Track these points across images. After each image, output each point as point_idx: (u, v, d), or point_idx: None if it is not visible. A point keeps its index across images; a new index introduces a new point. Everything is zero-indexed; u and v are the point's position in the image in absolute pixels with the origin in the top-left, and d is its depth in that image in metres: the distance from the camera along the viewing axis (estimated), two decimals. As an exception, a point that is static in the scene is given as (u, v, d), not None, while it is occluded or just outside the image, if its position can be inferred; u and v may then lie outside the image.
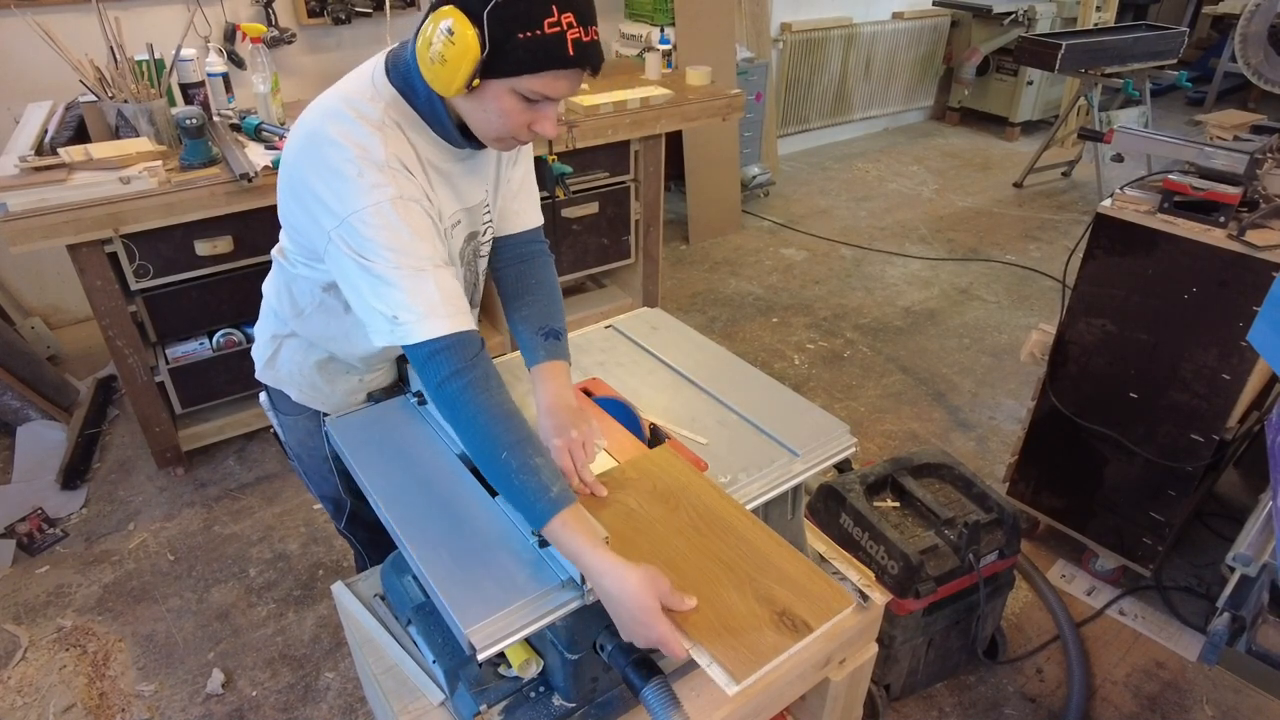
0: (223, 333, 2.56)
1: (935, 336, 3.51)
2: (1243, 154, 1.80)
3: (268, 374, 1.45)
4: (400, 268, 1.05)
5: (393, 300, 1.06)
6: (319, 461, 1.48)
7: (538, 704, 1.17)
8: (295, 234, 1.21)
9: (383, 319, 1.07)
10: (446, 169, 1.19)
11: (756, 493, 1.20)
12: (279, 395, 1.47)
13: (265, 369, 1.45)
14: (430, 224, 1.11)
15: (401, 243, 1.06)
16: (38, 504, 2.49)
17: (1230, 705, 1.97)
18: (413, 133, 1.13)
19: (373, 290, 1.07)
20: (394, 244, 1.05)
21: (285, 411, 1.49)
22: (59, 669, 2.04)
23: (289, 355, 1.40)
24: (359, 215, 1.05)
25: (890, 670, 1.88)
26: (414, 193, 1.09)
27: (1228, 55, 6.28)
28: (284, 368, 1.42)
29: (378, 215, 1.05)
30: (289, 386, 1.44)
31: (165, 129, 2.40)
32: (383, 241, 1.05)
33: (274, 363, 1.43)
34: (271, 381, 1.46)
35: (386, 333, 1.08)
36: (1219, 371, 1.86)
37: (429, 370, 1.08)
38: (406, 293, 1.06)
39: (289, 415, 1.49)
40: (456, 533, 1.11)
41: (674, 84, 3.21)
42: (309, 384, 1.42)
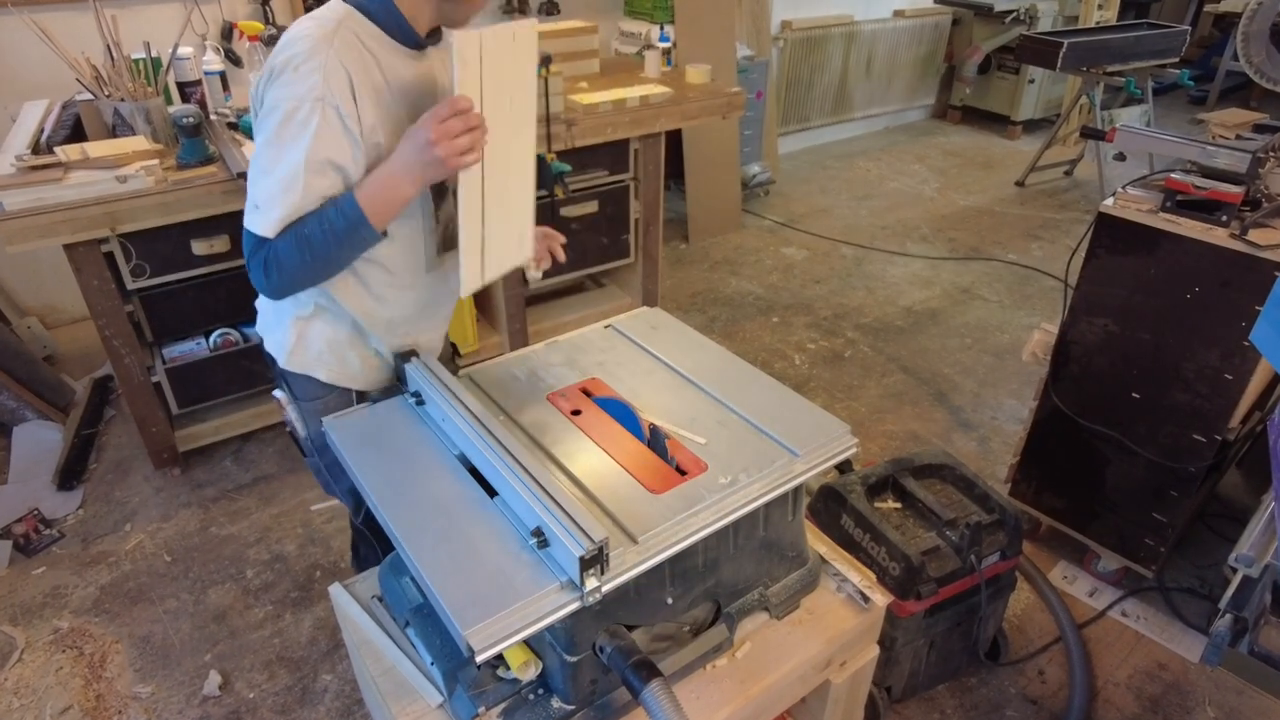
0: (220, 332, 2.55)
1: (937, 336, 3.50)
2: (1245, 153, 1.79)
3: (296, 359, 1.44)
4: (281, 162, 1.16)
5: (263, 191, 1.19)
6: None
7: (536, 706, 1.16)
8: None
9: (250, 203, 1.20)
10: (404, 74, 1.26)
11: (757, 493, 1.18)
12: (302, 382, 1.46)
13: (292, 356, 1.43)
14: (346, 128, 1.19)
15: (296, 141, 1.16)
16: (34, 505, 2.48)
17: (1232, 706, 1.96)
18: (372, 43, 1.22)
19: (256, 175, 1.20)
20: (288, 138, 1.16)
21: (310, 397, 1.48)
22: (55, 670, 2.03)
23: (319, 333, 1.41)
24: (280, 103, 1.16)
25: (891, 672, 1.87)
26: (343, 98, 1.17)
27: (1230, 54, 6.28)
28: (314, 347, 1.42)
29: (294, 110, 1.15)
30: (319, 368, 1.44)
31: (162, 128, 2.39)
32: (283, 133, 1.16)
33: (302, 346, 1.42)
34: (300, 367, 1.44)
35: (248, 215, 1.21)
36: (1221, 371, 1.85)
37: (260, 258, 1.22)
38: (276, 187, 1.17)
39: (315, 400, 1.47)
40: (455, 534, 1.10)
41: (674, 82, 3.20)
42: (340, 360, 1.44)
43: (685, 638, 1.26)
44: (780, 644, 1.33)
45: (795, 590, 1.39)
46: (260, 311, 1.51)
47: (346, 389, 1.47)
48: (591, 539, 1.00)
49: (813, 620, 1.37)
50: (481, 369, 1.51)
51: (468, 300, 2.95)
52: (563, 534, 1.01)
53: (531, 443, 1.30)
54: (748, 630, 1.34)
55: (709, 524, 1.13)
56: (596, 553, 1.00)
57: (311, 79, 1.15)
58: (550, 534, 1.04)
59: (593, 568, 1.01)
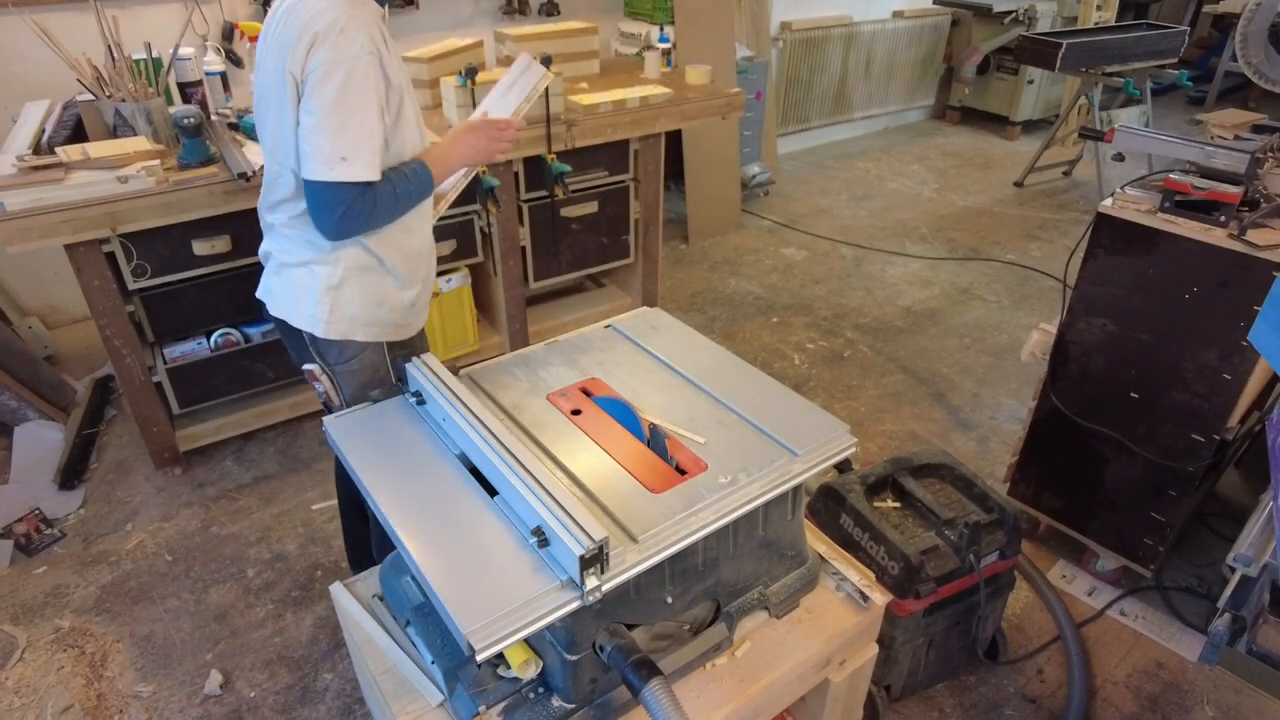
0: (221, 332, 2.55)
1: (936, 336, 3.50)
2: (1243, 153, 1.80)
3: (335, 327, 1.57)
4: (356, 115, 1.37)
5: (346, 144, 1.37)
6: (391, 388, 1.63)
7: (537, 705, 1.16)
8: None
9: (333, 158, 1.37)
10: (389, 39, 1.46)
11: (756, 493, 1.19)
12: (336, 348, 1.60)
13: (330, 324, 1.57)
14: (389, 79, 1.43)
15: (366, 97, 1.38)
16: (35, 504, 2.49)
17: (1231, 706, 1.96)
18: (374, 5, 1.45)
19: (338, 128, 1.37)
20: (360, 97, 1.37)
21: (344, 359, 1.62)
22: (57, 670, 2.03)
23: (350, 298, 1.56)
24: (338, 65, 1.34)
25: (890, 671, 1.88)
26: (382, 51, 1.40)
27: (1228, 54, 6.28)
28: (349, 311, 1.57)
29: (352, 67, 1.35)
30: (356, 330, 1.59)
31: (163, 128, 2.40)
32: (350, 92, 1.36)
33: (337, 313, 1.56)
34: (339, 334, 1.58)
35: (328, 168, 1.37)
36: (1220, 371, 1.85)
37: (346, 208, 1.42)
38: (362, 138, 1.39)
39: (350, 360, 1.62)
40: (455, 533, 1.11)
41: (673, 83, 3.21)
42: (373, 318, 1.61)
43: (685, 636, 1.27)
44: (780, 643, 1.33)
45: (795, 589, 1.39)
46: (277, 293, 1.61)
47: (379, 343, 1.65)
48: (591, 538, 1.00)
49: (812, 619, 1.38)
50: (481, 369, 1.51)
51: (468, 300, 2.95)
52: (563, 533, 1.02)
53: (531, 442, 1.30)
54: (747, 629, 1.35)
55: (709, 523, 1.14)
56: (596, 552, 1.00)
57: (360, 37, 1.35)
58: (550, 533, 1.04)
59: (593, 567, 1.01)
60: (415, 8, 3.60)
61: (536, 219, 2.93)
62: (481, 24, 3.83)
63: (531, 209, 2.89)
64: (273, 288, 1.64)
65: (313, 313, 1.57)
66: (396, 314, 1.65)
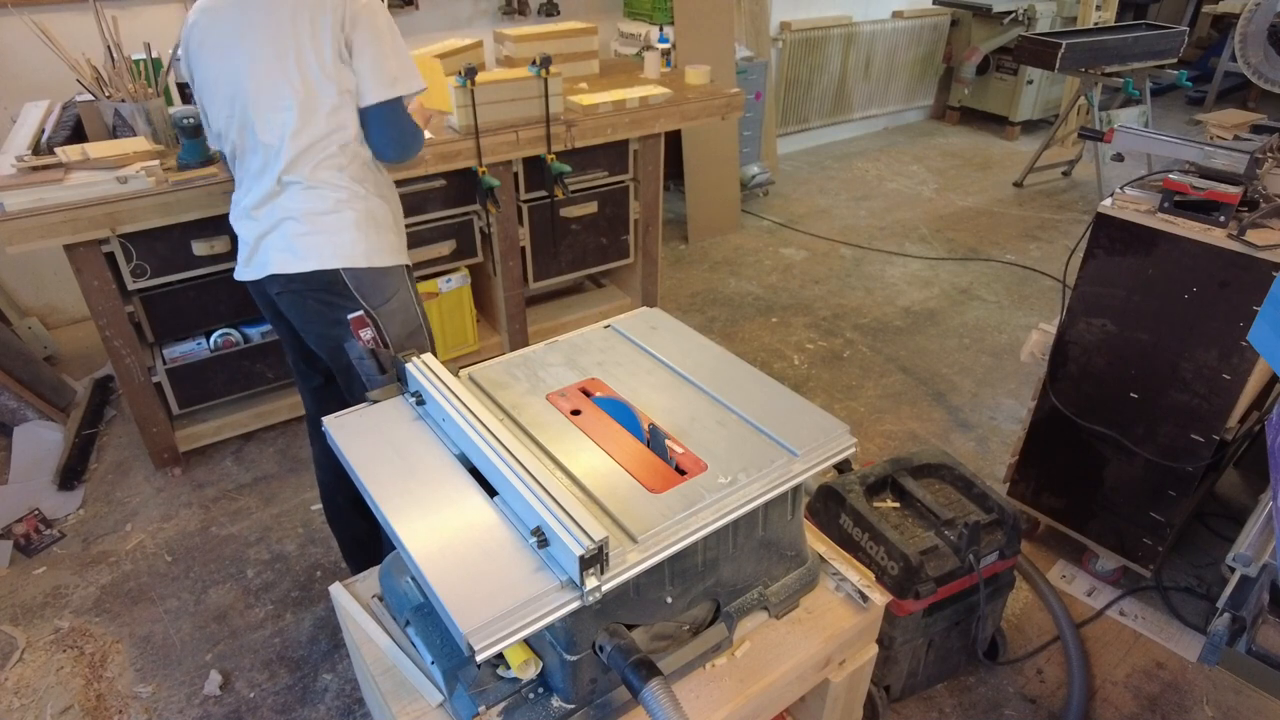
0: (220, 333, 2.55)
1: (935, 336, 3.50)
2: (1243, 153, 1.80)
3: (384, 255, 1.75)
4: (399, 40, 1.70)
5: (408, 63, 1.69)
6: (420, 333, 1.83)
7: (536, 705, 1.16)
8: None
9: (409, 73, 1.69)
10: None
11: (756, 493, 1.19)
12: (379, 284, 1.75)
13: (381, 251, 1.74)
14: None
15: (393, 25, 1.70)
16: (34, 505, 2.49)
17: (1230, 706, 1.97)
18: None
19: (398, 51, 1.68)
20: (390, 24, 1.70)
21: (388, 297, 1.76)
22: (56, 670, 2.03)
23: (385, 222, 1.77)
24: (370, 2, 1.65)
25: (890, 671, 1.88)
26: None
27: (1228, 55, 6.28)
28: (388, 235, 1.77)
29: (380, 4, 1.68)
30: (400, 254, 1.81)
31: (162, 128, 2.40)
32: (388, 22, 1.69)
33: (383, 238, 1.75)
34: (392, 259, 1.77)
35: (390, 86, 1.67)
36: (1219, 371, 1.85)
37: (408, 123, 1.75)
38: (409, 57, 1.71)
39: (391, 299, 1.76)
40: (455, 533, 1.11)
41: (673, 83, 3.21)
42: (402, 242, 1.85)
43: (685, 637, 1.26)
44: (779, 643, 1.33)
45: (794, 589, 1.39)
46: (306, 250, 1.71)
47: (405, 274, 1.82)
48: (591, 538, 1.00)
49: (812, 619, 1.38)
50: (481, 369, 1.51)
51: (468, 300, 2.95)
52: (563, 533, 1.01)
53: (531, 442, 1.30)
54: (747, 629, 1.35)
55: (708, 523, 1.13)
56: (596, 552, 1.00)
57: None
58: (550, 533, 1.04)
59: (592, 567, 1.01)
60: (415, 8, 3.60)
61: (536, 219, 2.93)
62: (481, 24, 3.83)
63: (531, 209, 2.89)
64: (303, 248, 1.70)
65: (366, 247, 1.71)
66: (402, 237, 1.87)
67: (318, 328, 1.78)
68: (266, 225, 1.73)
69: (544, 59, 2.63)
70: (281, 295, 1.78)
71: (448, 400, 1.29)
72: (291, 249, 1.70)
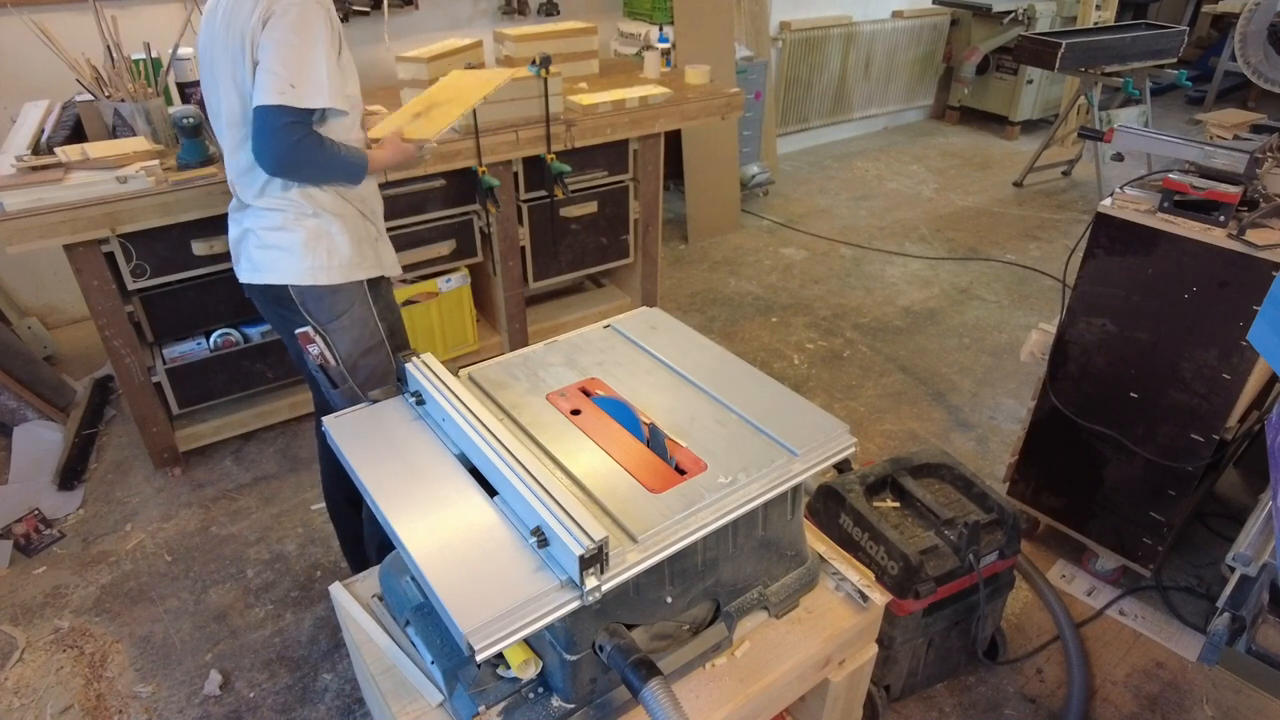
0: (220, 333, 2.55)
1: (935, 336, 3.50)
2: (1242, 153, 1.80)
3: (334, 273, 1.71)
4: (306, 52, 1.52)
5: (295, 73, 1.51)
6: (378, 350, 1.79)
7: (536, 705, 1.16)
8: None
9: (283, 84, 1.50)
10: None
11: (756, 493, 1.19)
12: (327, 302, 1.71)
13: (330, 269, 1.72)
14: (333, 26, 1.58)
15: (313, 35, 1.52)
16: (34, 504, 2.49)
17: (1230, 705, 1.97)
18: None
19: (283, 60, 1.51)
20: (307, 34, 1.52)
21: (338, 313, 1.72)
22: (56, 670, 2.03)
23: (340, 239, 1.71)
24: (290, 5, 1.50)
25: (890, 671, 1.88)
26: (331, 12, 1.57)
27: (1227, 54, 6.28)
28: (344, 251, 1.72)
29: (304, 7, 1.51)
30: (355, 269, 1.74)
31: (162, 128, 2.40)
32: (298, 30, 1.51)
33: (335, 257, 1.70)
34: (342, 277, 1.71)
35: (278, 93, 1.50)
36: (1219, 371, 1.85)
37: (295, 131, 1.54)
38: (313, 68, 1.53)
39: (340, 317, 1.72)
40: (455, 533, 1.11)
41: (673, 83, 3.21)
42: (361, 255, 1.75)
43: (684, 636, 1.27)
44: (779, 643, 1.33)
45: (794, 589, 1.39)
46: (264, 262, 1.70)
47: (364, 291, 1.77)
48: (591, 538, 1.00)
49: (811, 619, 1.38)
50: (481, 369, 1.51)
51: (467, 300, 2.96)
52: (562, 533, 1.01)
53: (531, 442, 1.30)
54: (747, 629, 1.35)
55: (708, 523, 1.14)
56: (596, 552, 1.00)
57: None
58: (550, 533, 1.04)
59: (592, 567, 1.01)
60: (414, 8, 3.60)
61: (536, 219, 2.93)
62: (481, 24, 3.83)
63: (531, 209, 2.89)
64: (258, 260, 1.72)
65: (311, 264, 1.68)
66: (373, 249, 1.80)
67: (283, 336, 1.87)
68: (236, 233, 1.81)
69: (544, 59, 2.63)
70: (253, 301, 1.87)
71: (447, 400, 1.29)
72: (251, 260, 1.76)
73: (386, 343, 1.81)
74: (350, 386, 1.77)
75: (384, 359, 1.81)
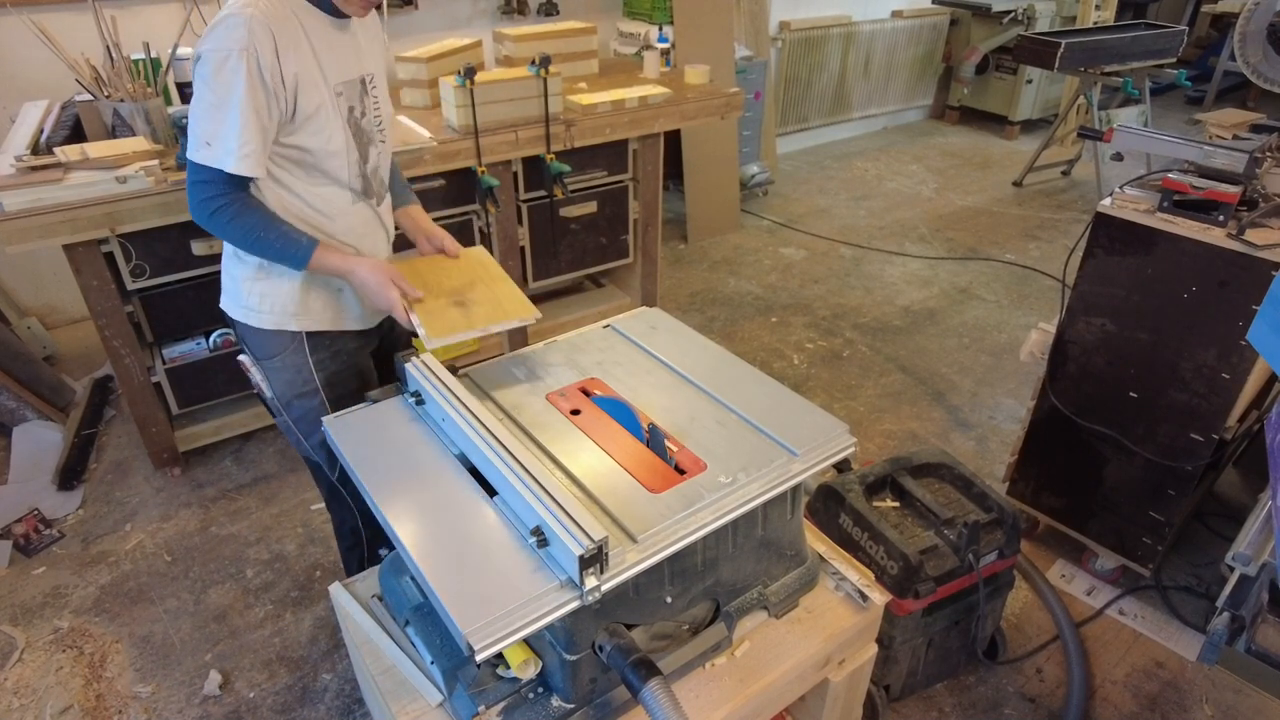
0: (219, 333, 2.55)
1: (935, 336, 3.50)
2: (1242, 153, 1.80)
3: (267, 317, 1.60)
4: (223, 107, 1.35)
5: (207, 130, 1.37)
6: (311, 396, 1.64)
7: (536, 705, 1.16)
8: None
9: (199, 140, 1.37)
10: (328, 40, 1.46)
11: (756, 493, 1.19)
12: (261, 341, 1.60)
13: (262, 314, 1.59)
14: (264, 81, 1.37)
15: (227, 91, 1.34)
16: (34, 505, 2.49)
17: (1230, 705, 1.97)
18: (296, 7, 1.41)
19: (198, 115, 1.37)
20: (221, 89, 1.34)
21: (268, 355, 1.61)
22: (56, 670, 2.03)
23: (278, 284, 1.56)
24: (208, 57, 1.34)
25: (890, 671, 1.88)
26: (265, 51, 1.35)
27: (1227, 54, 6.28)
28: (277, 299, 1.57)
29: (224, 59, 1.33)
30: (290, 319, 1.58)
31: (161, 128, 2.39)
32: (211, 84, 1.34)
33: (267, 301, 1.57)
34: (273, 324, 1.58)
35: (193, 149, 1.37)
36: (1219, 371, 1.85)
37: (207, 190, 1.41)
38: (226, 127, 1.36)
39: (273, 358, 1.61)
40: (455, 533, 1.11)
41: (672, 83, 3.21)
42: (304, 307, 1.58)
43: (684, 636, 1.27)
44: (779, 643, 1.33)
45: (794, 589, 1.39)
46: (223, 285, 1.63)
47: (301, 341, 1.61)
48: (591, 538, 1.00)
49: (811, 619, 1.38)
50: (481, 369, 1.51)
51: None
52: (562, 533, 1.02)
53: (531, 442, 1.30)
54: (747, 629, 1.35)
55: (708, 523, 1.14)
56: (596, 552, 1.00)
57: (237, 32, 1.33)
58: (550, 533, 1.04)
59: (592, 566, 1.01)
60: (414, 8, 3.59)
61: (535, 219, 2.93)
62: (480, 24, 3.83)
63: (530, 209, 2.89)
64: (222, 282, 1.65)
65: (244, 303, 1.59)
66: (331, 301, 1.61)
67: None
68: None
69: (543, 59, 2.63)
70: None
71: (447, 400, 1.29)
72: (221, 282, 1.67)
73: (321, 391, 1.65)
74: (285, 421, 1.69)
75: (318, 406, 1.65)
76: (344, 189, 1.56)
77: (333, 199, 1.56)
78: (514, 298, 1.59)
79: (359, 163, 1.56)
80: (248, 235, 1.44)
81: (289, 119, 1.43)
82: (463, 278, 1.64)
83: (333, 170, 1.52)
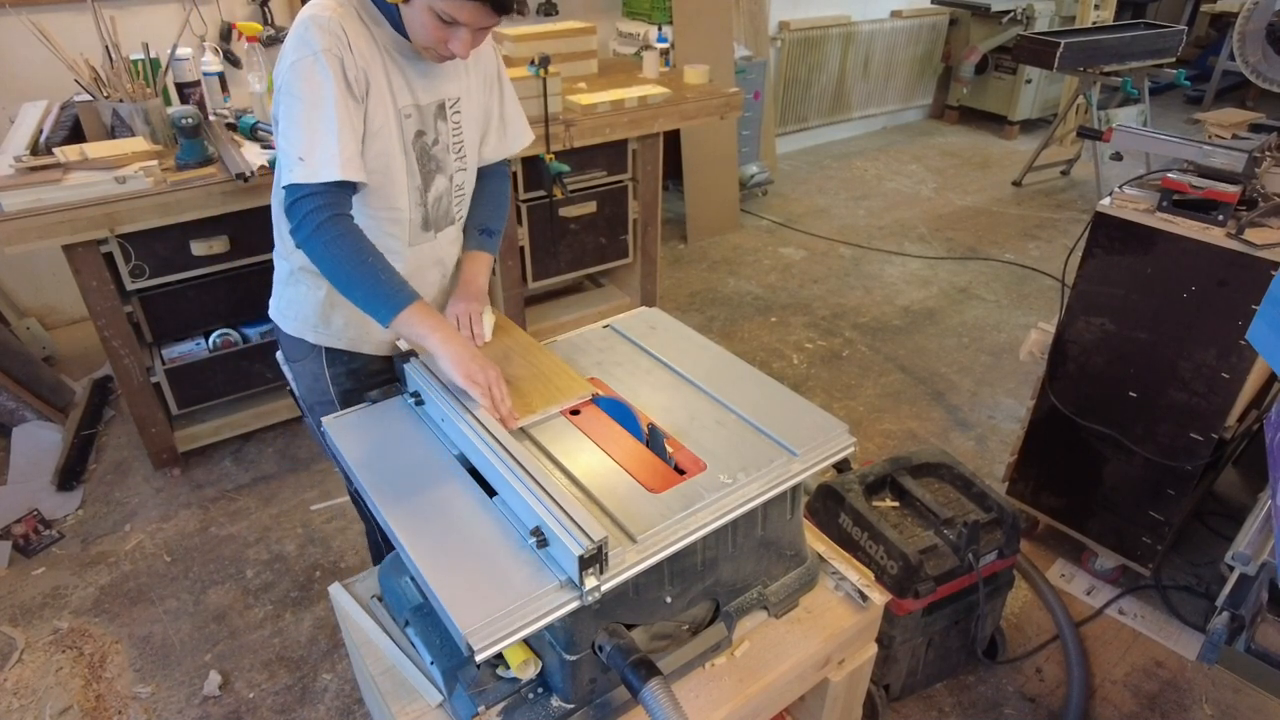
0: (219, 333, 2.55)
1: (934, 335, 3.50)
2: (1241, 152, 1.80)
3: (289, 323, 1.57)
4: (316, 108, 1.26)
5: (300, 142, 1.27)
6: (328, 406, 1.61)
7: (536, 705, 1.16)
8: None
9: (291, 158, 1.27)
10: (402, 61, 1.38)
11: (755, 492, 1.19)
12: (290, 343, 1.60)
13: (285, 318, 1.57)
14: (350, 82, 1.28)
15: (318, 95, 1.26)
16: (33, 505, 2.48)
17: (1229, 704, 1.97)
18: (371, 21, 1.33)
19: (287, 132, 1.28)
20: (310, 95, 1.26)
21: (292, 357, 1.62)
22: (55, 671, 2.03)
23: (305, 293, 1.53)
24: (293, 66, 1.26)
25: (889, 670, 1.88)
26: (346, 53, 1.28)
27: (1226, 53, 6.29)
28: (302, 310, 1.55)
29: (311, 64, 1.25)
30: (309, 330, 1.55)
31: (161, 128, 2.39)
32: (299, 92, 1.26)
33: (293, 308, 1.56)
34: (293, 330, 1.57)
35: (288, 172, 1.28)
36: (1218, 370, 1.86)
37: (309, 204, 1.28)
38: (322, 134, 1.26)
39: (297, 360, 1.61)
40: (454, 533, 1.11)
41: (672, 82, 3.21)
42: (324, 320, 1.54)
43: (684, 636, 1.26)
44: (779, 642, 1.33)
45: (794, 589, 1.39)
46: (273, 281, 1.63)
47: (320, 353, 1.58)
48: (590, 538, 1.00)
49: (811, 619, 1.38)
50: (481, 369, 1.51)
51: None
52: (562, 533, 1.01)
53: (530, 442, 1.30)
54: (746, 629, 1.35)
55: (708, 523, 1.14)
56: (595, 552, 1.00)
57: (319, 34, 1.26)
58: (549, 533, 1.04)
59: (592, 567, 1.01)
60: (413, 8, 3.59)
61: (535, 219, 2.93)
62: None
63: (530, 209, 2.89)
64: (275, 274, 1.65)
65: (277, 302, 1.60)
66: (353, 324, 1.54)
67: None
68: None
69: (543, 58, 2.63)
70: None
71: (446, 400, 1.29)
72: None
73: (337, 404, 1.60)
74: (310, 422, 1.68)
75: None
76: (397, 220, 1.45)
77: (392, 236, 1.46)
78: (558, 369, 1.44)
79: (419, 189, 1.45)
80: (341, 264, 1.29)
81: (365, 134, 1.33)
82: (496, 347, 1.51)
83: (387, 196, 1.41)
